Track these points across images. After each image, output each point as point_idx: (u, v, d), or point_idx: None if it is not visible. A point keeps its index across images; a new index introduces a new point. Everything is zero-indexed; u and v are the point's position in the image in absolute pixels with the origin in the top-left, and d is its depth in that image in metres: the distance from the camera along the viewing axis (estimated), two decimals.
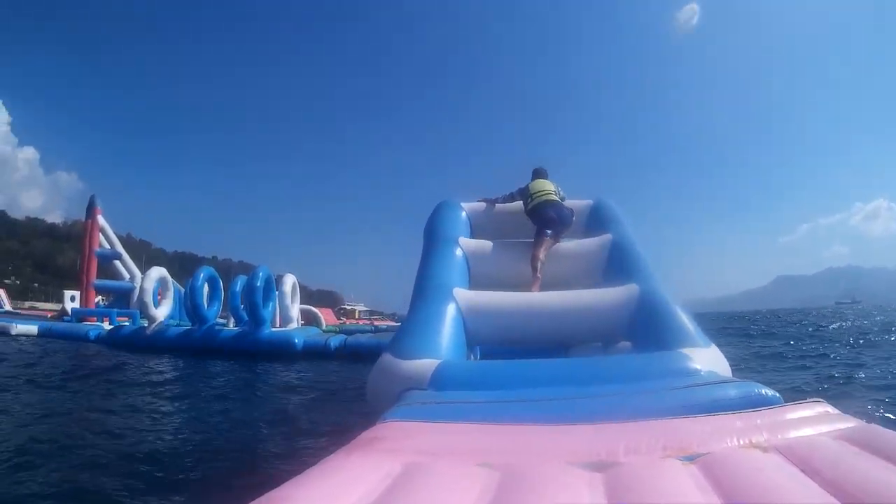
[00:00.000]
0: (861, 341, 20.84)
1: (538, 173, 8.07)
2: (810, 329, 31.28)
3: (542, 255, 7.03)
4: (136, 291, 26.18)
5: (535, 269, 6.96)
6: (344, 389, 10.24)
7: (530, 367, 4.52)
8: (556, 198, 7.59)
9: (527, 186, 7.82)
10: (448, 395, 3.74)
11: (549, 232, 7.28)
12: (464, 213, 7.75)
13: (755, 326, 38.26)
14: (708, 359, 4.66)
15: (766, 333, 28.97)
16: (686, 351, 4.67)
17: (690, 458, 2.34)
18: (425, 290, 5.85)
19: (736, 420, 2.76)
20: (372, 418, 3.16)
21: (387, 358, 4.76)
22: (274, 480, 1.99)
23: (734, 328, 34.58)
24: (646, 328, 5.52)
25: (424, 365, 4.43)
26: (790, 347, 19.50)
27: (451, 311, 5.49)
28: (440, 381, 4.18)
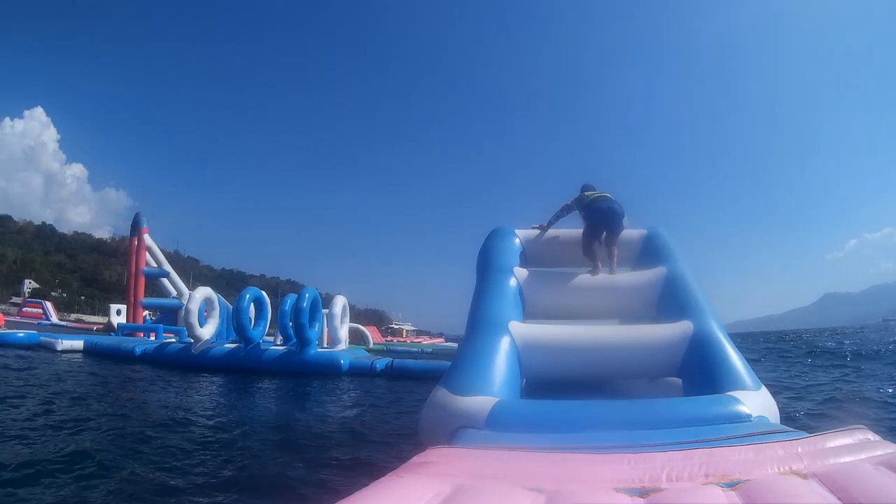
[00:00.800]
0: None
1: (585, 186, 8.03)
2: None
3: (594, 245, 7.23)
4: (183, 310, 26.39)
5: (592, 257, 7.16)
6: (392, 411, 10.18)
7: (586, 408, 4.49)
8: (607, 194, 7.63)
9: (581, 195, 7.83)
10: (506, 437, 3.68)
11: (596, 232, 7.41)
12: (517, 241, 7.66)
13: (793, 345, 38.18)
14: (758, 402, 4.66)
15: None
16: (737, 394, 4.68)
17: (731, 485, 2.38)
18: (480, 323, 5.79)
19: (777, 448, 2.77)
20: (421, 447, 3.15)
21: (441, 392, 4.72)
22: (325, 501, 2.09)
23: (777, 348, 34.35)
24: (698, 367, 5.50)
25: (481, 402, 4.40)
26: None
27: (505, 344, 5.44)
28: (497, 419, 4.15)
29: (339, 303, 21.05)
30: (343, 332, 21.26)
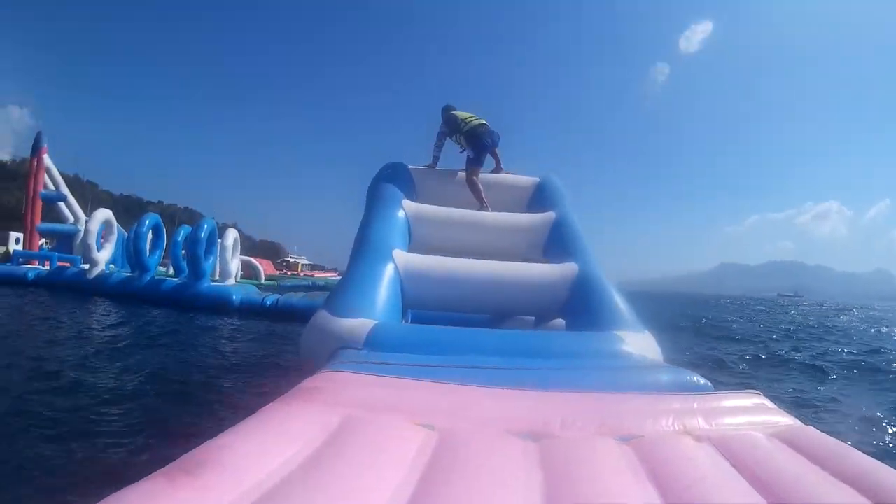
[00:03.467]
0: None
1: (447, 108, 8.25)
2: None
3: (477, 177, 7.56)
4: (80, 234, 26.00)
5: (478, 191, 7.38)
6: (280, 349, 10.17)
7: (466, 334, 4.47)
8: (485, 121, 7.91)
9: (452, 116, 8.04)
10: (385, 357, 3.62)
11: (481, 160, 7.70)
12: (409, 177, 7.67)
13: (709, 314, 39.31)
14: (641, 343, 4.67)
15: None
16: (620, 333, 4.72)
17: (625, 439, 2.37)
18: (364, 250, 5.71)
19: (673, 401, 2.80)
20: (305, 375, 3.07)
21: (322, 314, 4.68)
22: (210, 430, 1.99)
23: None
24: (581, 307, 5.54)
25: (360, 324, 4.38)
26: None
27: (389, 271, 5.40)
28: (376, 341, 4.14)
29: (231, 236, 20.92)
30: (234, 266, 21.28)
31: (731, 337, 19.31)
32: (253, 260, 33.82)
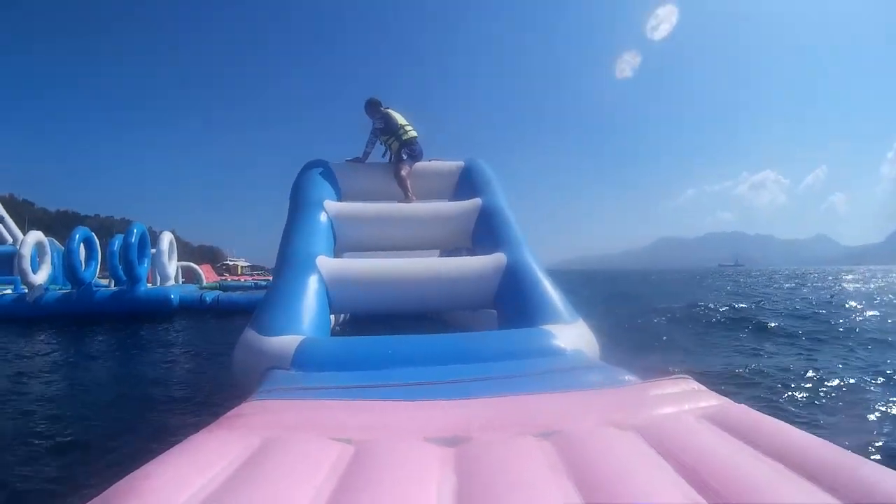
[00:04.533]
0: None
1: (378, 103, 8.18)
2: None
3: (406, 175, 7.54)
4: (16, 257, 25.85)
5: (405, 185, 7.43)
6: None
7: (394, 343, 4.39)
8: (416, 134, 7.94)
9: (389, 116, 7.97)
10: (311, 379, 3.58)
11: (405, 157, 7.72)
12: (332, 175, 7.48)
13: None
14: (574, 335, 4.62)
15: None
16: (551, 328, 4.65)
17: (545, 435, 2.32)
18: (287, 261, 5.61)
19: (598, 396, 2.77)
20: (238, 394, 3.14)
21: (250, 334, 4.61)
22: (140, 459, 1.94)
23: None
24: (511, 299, 5.48)
25: (287, 342, 4.32)
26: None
27: (313, 282, 5.31)
28: (303, 359, 4.08)
29: (166, 239, 20.90)
30: (171, 269, 21.24)
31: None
32: (193, 265, 33.77)
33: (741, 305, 18.68)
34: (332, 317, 6.17)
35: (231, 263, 74.10)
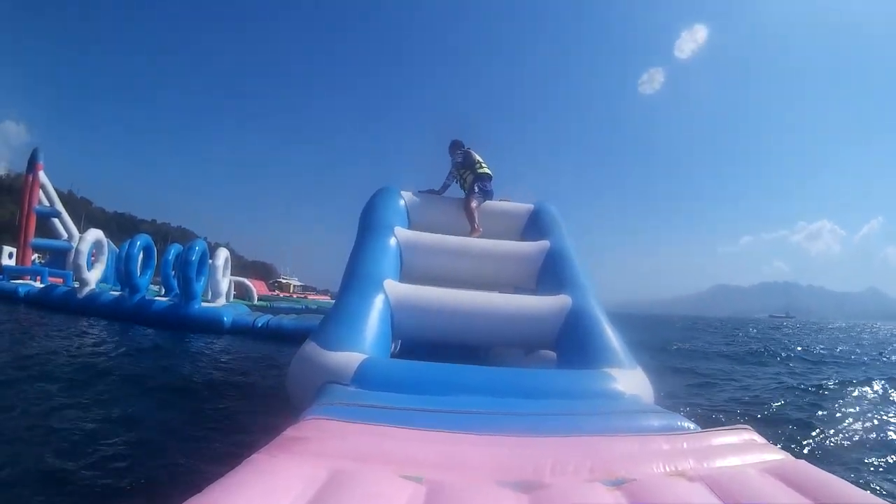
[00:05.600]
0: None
1: (460, 143, 8.52)
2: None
3: (476, 208, 7.67)
4: (73, 251, 25.98)
5: (473, 222, 7.51)
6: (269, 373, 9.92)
7: (456, 371, 4.36)
8: (491, 173, 8.12)
9: (469, 153, 8.30)
10: (372, 398, 3.52)
11: (477, 191, 7.88)
12: (402, 202, 7.56)
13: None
14: (632, 381, 4.61)
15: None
16: (611, 371, 4.65)
17: (616, 483, 2.32)
18: (355, 279, 5.62)
19: (663, 442, 2.74)
20: (292, 408, 3.12)
21: (311, 346, 4.57)
22: (195, 480, 1.92)
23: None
24: (573, 342, 5.44)
25: (349, 358, 4.29)
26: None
27: (379, 303, 5.29)
28: (364, 378, 4.05)
29: (222, 255, 20.90)
30: (224, 286, 21.18)
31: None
32: (246, 280, 33.82)
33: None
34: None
35: (284, 281, 74.55)
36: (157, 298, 19.73)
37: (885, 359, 21.81)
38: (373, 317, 5.10)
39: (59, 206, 34.85)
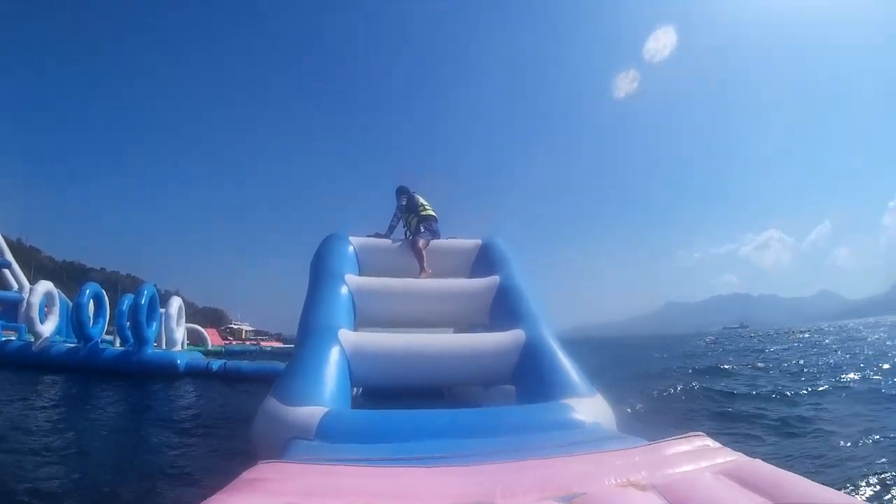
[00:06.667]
0: None
1: (406, 189, 8.83)
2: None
3: (423, 247, 7.83)
4: (24, 305, 25.83)
5: (422, 262, 7.64)
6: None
7: (417, 417, 4.41)
8: (435, 214, 8.48)
9: (413, 197, 8.65)
10: (335, 451, 3.53)
11: (423, 230, 8.12)
12: (351, 248, 7.59)
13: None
14: (592, 409, 4.66)
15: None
16: (570, 401, 4.70)
17: (566, 500, 2.32)
18: (310, 332, 5.64)
19: (615, 458, 2.76)
20: (253, 458, 3.11)
21: (272, 403, 4.57)
22: None
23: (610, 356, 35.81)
24: (530, 375, 5.49)
25: (310, 413, 4.30)
26: None
27: (335, 353, 5.29)
28: (327, 431, 4.06)
29: (175, 303, 21.00)
30: (179, 333, 21.27)
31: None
32: (198, 327, 33.84)
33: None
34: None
35: (236, 327, 74.21)
36: (108, 347, 19.83)
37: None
38: (330, 368, 5.11)
39: (9, 256, 34.20)
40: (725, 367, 19.49)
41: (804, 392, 12.62)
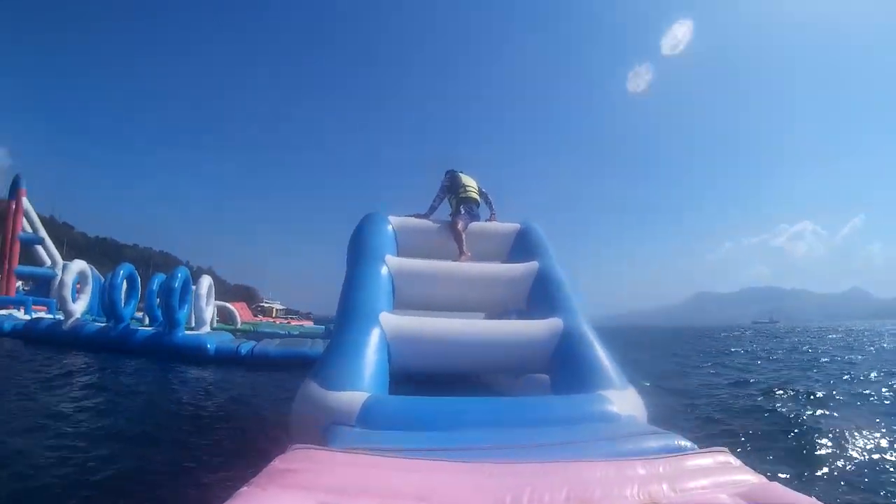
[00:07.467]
0: None
1: (453, 170, 8.74)
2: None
3: (462, 230, 7.74)
4: (56, 282, 25.84)
5: (461, 245, 7.57)
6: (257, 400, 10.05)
7: (459, 405, 4.39)
8: (477, 197, 8.38)
9: (457, 177, 8.53)
10: (376, 439, 3.57)
11: (463, 213, 8.02)
12: (390, 228, 7.49)
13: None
14: (626, 402, 4.69)
15: None
16: (605, 393, 4.72)
17: None
18: (351, 314, 5.60)
19: (639, 467, 2.82)
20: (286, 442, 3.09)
21: (312, 387, 4.55)
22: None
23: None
24: (566, 365, 5.48)
25: (351, 398, 4.29)
26: None
27: (376, 337, 5.28)
28: (368, 417, 4.06)
29: (205, 283, 20.78)
30: (208, 313, 21.09)
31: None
32: (229, 305, 33.92)
33: None
34: None
35: (266, 305, 73.97)
36: (140, 328, 19.80)
37: None
38: (371, 352, 5.11)
39: (43, 233, 34.79)
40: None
41: None
